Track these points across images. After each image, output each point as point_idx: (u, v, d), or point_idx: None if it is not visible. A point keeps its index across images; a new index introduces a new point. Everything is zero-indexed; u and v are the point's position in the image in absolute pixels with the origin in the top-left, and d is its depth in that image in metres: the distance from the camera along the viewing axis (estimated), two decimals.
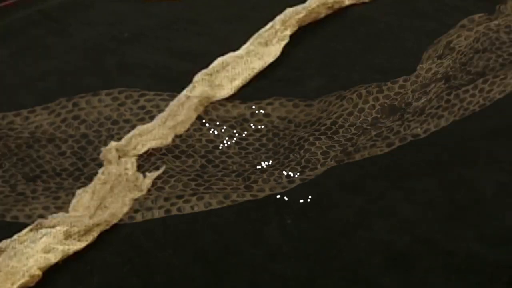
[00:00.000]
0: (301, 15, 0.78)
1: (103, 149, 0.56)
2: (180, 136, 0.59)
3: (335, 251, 0.49)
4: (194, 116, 0.60)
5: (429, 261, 0.48)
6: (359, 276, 0.47)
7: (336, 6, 0.78)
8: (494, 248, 0.49)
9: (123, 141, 0.57)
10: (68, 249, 0.48)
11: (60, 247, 0.48)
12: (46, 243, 0.48)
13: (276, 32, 0.75)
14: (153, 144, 0.58)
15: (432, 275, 0.47)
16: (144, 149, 0.57)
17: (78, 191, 0.53)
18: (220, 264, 0.48)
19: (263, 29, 0.75)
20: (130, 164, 0.56)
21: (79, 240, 0.49)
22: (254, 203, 0.53)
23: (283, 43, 0.74)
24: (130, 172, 0.55)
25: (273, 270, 0.48)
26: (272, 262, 0.49)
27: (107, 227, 0.51)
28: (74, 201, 0.52)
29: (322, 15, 0.78)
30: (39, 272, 0.46)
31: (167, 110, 0.60)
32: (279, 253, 0.49)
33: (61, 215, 0.51)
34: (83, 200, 0.52)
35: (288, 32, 0.75)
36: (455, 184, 0.54)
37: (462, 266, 0.48)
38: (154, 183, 0.55)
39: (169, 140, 0.58)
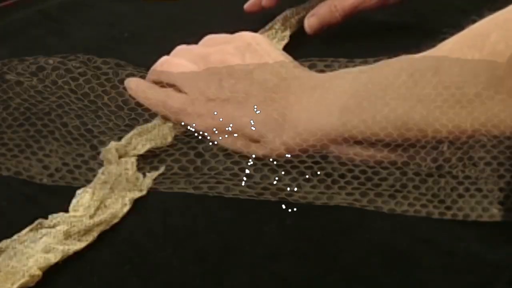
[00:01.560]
0: (301, 15, 0.78)
1: (102, 149, 0.56)
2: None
3: (335, 251, 0.49)
4: None
5: (429, 261, 0.48)
6: (359, 276, 0.47)
7: None
8: (494, 248, 0.49)
9: (123, 141, 0.57)
10: (68, 249, 0.48)
11: (60, 247, 0.48)
12: (46, 243, 0.48)
13: (276, 32, 0.75)
14: (153, 144, 0.58)
15: (432, 275, 0.47)
16: (144, 149, 0.57)
17: (78, 191, 0.53)
18: (220, 264, 0.48)
19: (263, 29, 0.75)
20: (130, 164, 0.55)
21: (79, 240, 0.49)
22: (254, 203, 0.53)
23: (283, 43, 0.74)
24: (130, 172, 0.55)
25: (273, 270, 0.48)
26: (272, 262, 0.48)
27: (107, 227, 0.51)
28: (74, 201, 0.52)
29: None
30: (39, 272, 0.46)
31: None
32: (279, 253, 0.49)
33: (61, 215, 0.51)
34: (83, 200, 0.52)
35: (288, 32, 0.75)
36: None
37: (462, 266, 0.48)
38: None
39: (169, 140, 0.58)
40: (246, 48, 0.60)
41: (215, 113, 0.57)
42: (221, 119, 0.57)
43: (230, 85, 0.57)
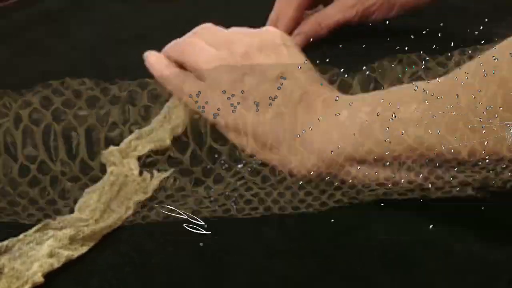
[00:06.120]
0: None
1: (103, 152, 0.56)
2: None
3: (335, 251, 0.49)
4: (190, 118, 0.59)
5: (429, 261, 0.48)
6: (359, 276, 0.47)
7: None
8: (494, 248, 0.49)
9: (122, 145, 0.57)
10: (72, 254, 0.48)
11: (65, 252, 0.48)
12: (51, 247, 0.47)
13: None
14: (152, 146, 0.57)
15: (432, 275, 0.47)
16: (145, 151, 0.57)
17: (87, 190, 0.53)
18: (220, 264, 0.48)
19: None
20: (133, 164, 0.55)
21: (82, 245, 0.49)
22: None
23: None
24: (135, 172, 0.55)
25: (273, 270, 0.48)
26: (272, 262, 0.49)
27: (109, 230, 0.51)
28: (81, 200, 0.52)
29: None
30: (42, 279, 0.46)
31: (162, 113, 0.60)
32: (279, 253, 0.49)
33: (69, 217, 0.50)
34: (90, 201, 0.52)
35: None
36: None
37: (462, 266, 0.48)
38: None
39: (167, 142, 0.58)
40: (272, 46, 0.58)
41: (232, 109, 0.55)
42: (235, 117, 0.55)
43: (254, 84, 0.55)
